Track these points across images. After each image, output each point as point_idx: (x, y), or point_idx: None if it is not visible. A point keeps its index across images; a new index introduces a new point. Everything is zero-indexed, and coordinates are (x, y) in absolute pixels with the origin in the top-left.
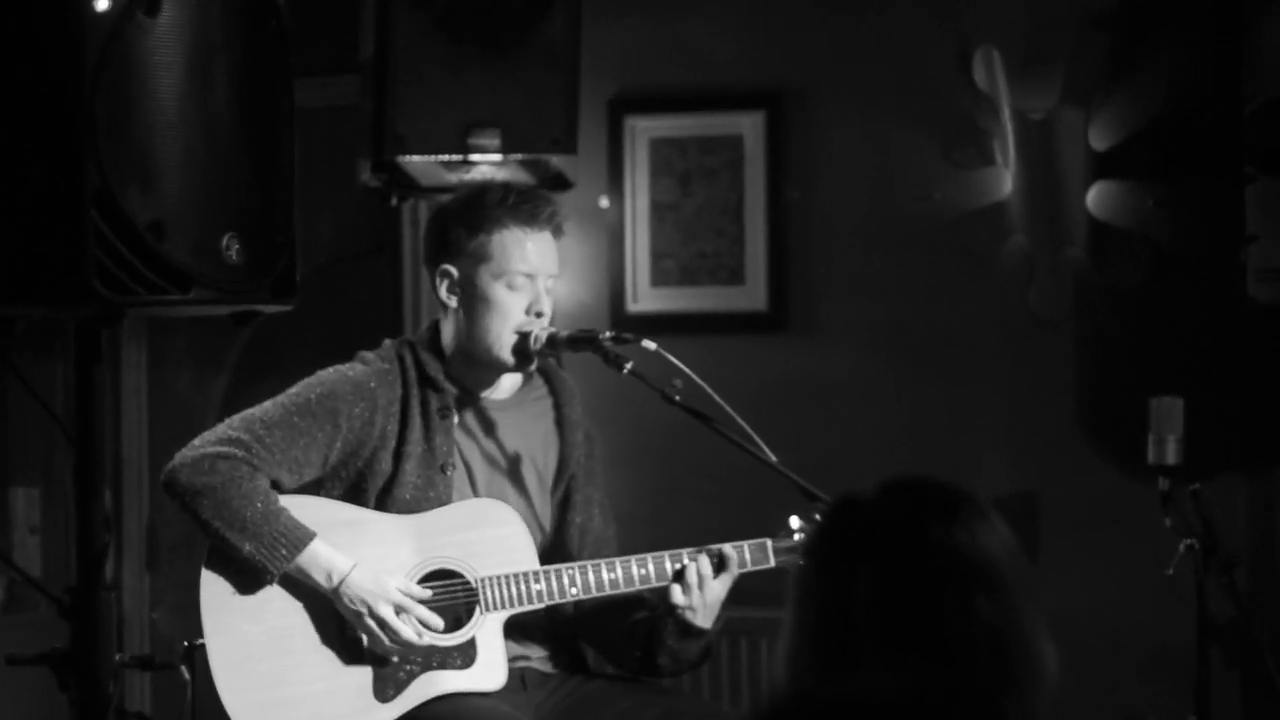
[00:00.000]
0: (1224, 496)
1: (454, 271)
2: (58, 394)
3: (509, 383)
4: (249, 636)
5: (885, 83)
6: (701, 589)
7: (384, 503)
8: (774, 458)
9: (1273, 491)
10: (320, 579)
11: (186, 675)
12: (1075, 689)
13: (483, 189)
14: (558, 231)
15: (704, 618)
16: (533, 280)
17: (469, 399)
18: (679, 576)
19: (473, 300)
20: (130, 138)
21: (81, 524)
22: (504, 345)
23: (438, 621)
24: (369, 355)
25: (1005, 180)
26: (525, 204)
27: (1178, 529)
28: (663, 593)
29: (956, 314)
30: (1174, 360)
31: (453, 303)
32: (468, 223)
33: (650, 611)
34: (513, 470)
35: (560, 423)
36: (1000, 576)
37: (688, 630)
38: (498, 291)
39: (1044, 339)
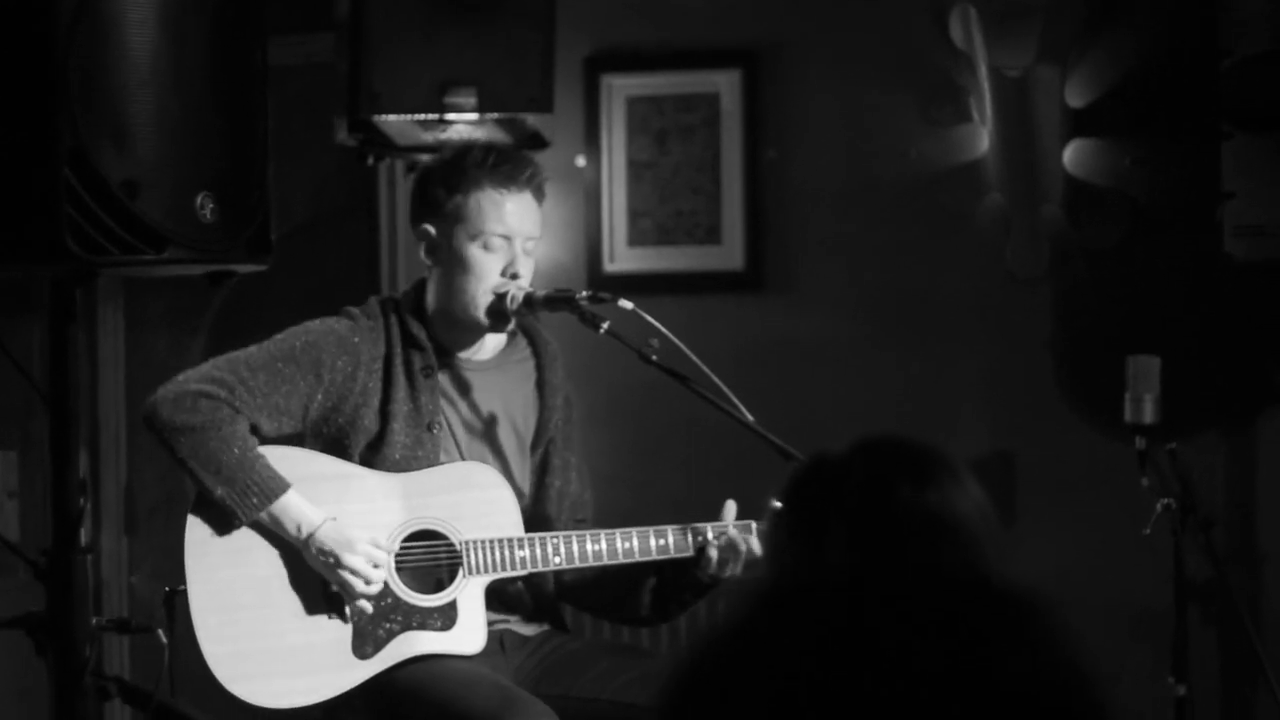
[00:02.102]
0: (1201, 455)
1: (432, 231)
2: (34, 357)
3: (492, 343)
4: (231, 585)
5: (862, 40)
6: (734, 558)
7: (372, 462)
8: (750, 417)
9: (1250, 450)
10: (290, 530)
11: (164, 639)
12: None
13: (464, 149)
14: (538, 193)
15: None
16: (509, 242)
17: (451, 359)
18: (703, 550)
19: (450, 261)
20: (103, 96)
21: (57, 486)
22: (479, 306)
23: (379, 576)
24: (354, 310)
25: (982, 138)
26: (503, 164)
27: (1155, 488)
28: (686, 560)
29: (933, 272)
30: (1151, 318)
31: (431, 262)
32: (446, 183)
33: (649, 573)
34: (491, 432)
35: (541, 385)
36: (972, 537)
37: (709, 589)
38: (473, 252)
39: (1020, 297)
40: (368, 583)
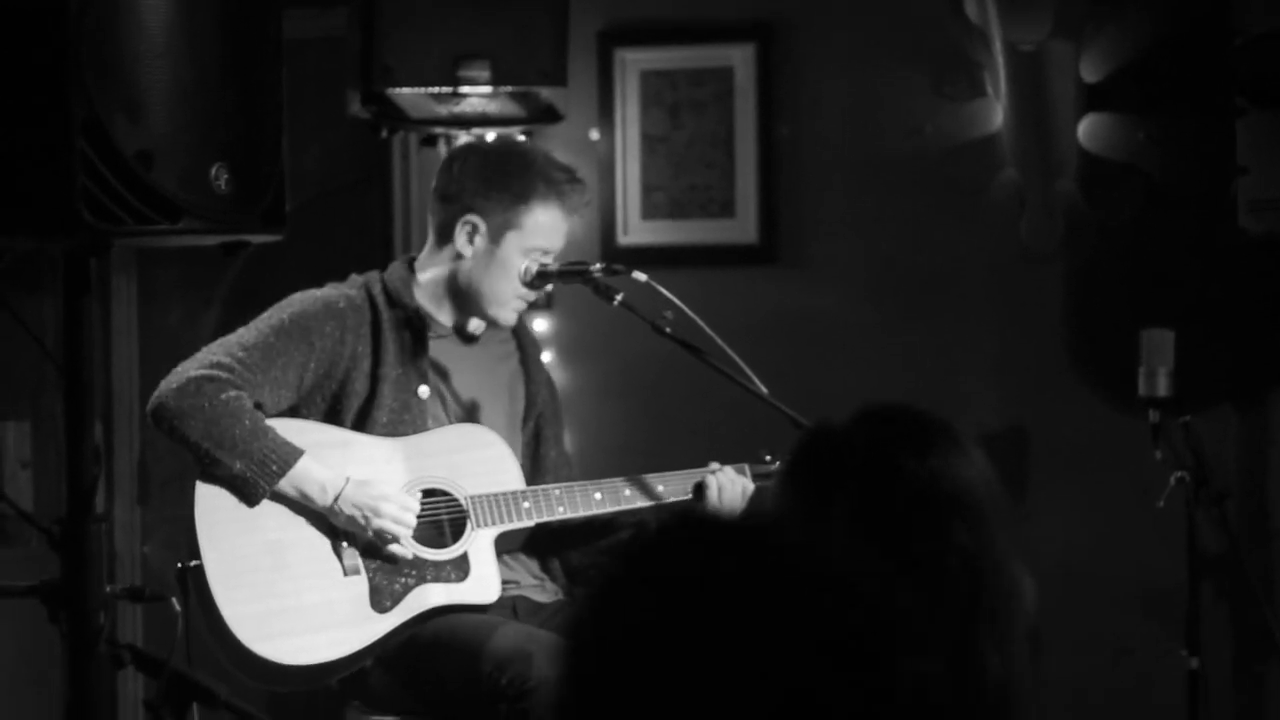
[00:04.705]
0: (1214, 429)
1: (481, 224)
2: (47, 328)
3: (476, 323)
4: (244, 549)
5: (876, 15)
6: (732, 493)
7: (361, 425)
8: (764, 389)
9: (1263, 423)
10: (314, 493)
11: (178, 607)
12: (1065, 622)
13: (530, 154)
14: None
15: None
16: (546, 256)
17: (439, 330)
18: (700, 489)
19: (490, 258)
20: (117, 67)
21: (71, 456)
22: (503, 305)
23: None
24: (338, 283)
25: (996, 113)
26: (569, 186)
27: (1168, 462)
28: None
29: (947, 247)
30: (1165, 293)
31: (467, 251)
32: (513, 187)
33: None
34: (481, 402)
35: (526, 364)
36: (975, 505)
37: None
38: (516, 259)
39: (1034, 272)
40: (398, 538)
